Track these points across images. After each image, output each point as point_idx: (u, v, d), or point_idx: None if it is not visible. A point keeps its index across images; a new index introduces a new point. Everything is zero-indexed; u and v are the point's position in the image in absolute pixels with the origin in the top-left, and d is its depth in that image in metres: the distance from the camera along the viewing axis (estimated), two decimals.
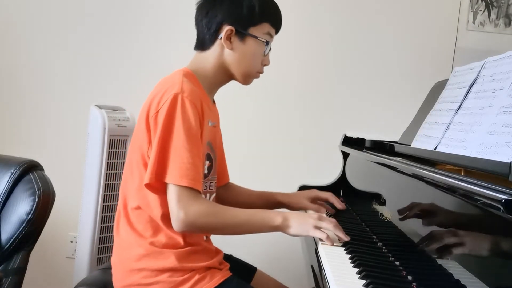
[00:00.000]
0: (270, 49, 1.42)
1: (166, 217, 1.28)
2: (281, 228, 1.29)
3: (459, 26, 2.44)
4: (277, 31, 1.44)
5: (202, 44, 1.39)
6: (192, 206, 1.22)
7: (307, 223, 1.28)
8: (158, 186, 1.26)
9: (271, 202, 1.60)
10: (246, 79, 1.43)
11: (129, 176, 1.34)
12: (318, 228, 1.28)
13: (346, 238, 1.27)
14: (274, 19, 1.42)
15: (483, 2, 2.43)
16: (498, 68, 1.28)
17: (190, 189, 1.22)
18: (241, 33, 1.36)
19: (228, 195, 1.60)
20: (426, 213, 1.15)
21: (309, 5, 2.49)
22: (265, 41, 1.39)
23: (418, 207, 1.21)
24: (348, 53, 2.49)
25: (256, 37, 1.37)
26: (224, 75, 1.41)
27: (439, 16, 2.45)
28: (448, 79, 1.59)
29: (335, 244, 1.27)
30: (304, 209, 1.61)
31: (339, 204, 1.61)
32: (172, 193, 1.23)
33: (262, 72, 1.45)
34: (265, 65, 1.44)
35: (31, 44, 2.59)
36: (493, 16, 2.43)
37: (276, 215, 1.30)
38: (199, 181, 1.25)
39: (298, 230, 1.29)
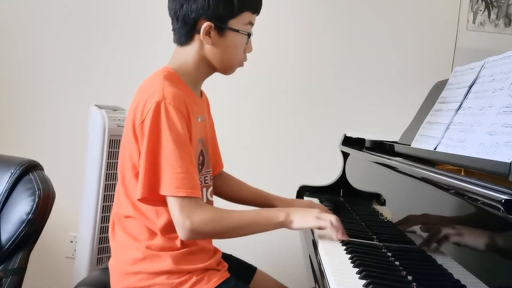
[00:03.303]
0: (252, 35, 1.36)
1: (164, 226, 1.26)
2: (285, 224, 1.29)
3: (459, 26, 2.44)
4: (257, 15, 1.37)
5: (180, 38, 1.33)
6: (196, 214, 1.20)
7: (309, 216, 1.30)
8: (153, 197, 1.23)
9: (268, 205, 1.57)
10: (229, 71, 1.38)
11: (120, 184, 1.32)
12: (320, 219, 1.29)
13: (340, 236, 1.27)
14: (254, 6, 1.34)
15: (483, 2, 2.43)
16: (498, 68, 1.28)
17: (190, 198, 1.20)
18: (221, 27, 1.29)
19: (224, 186, 1.59)
20: (426, 213, 1.15)
21: (309, 4, 2.49)
22: (246, 33, 1.33)
23: (418, 207, 1.21)
24: (348, 53, 2.49)
25: (237, 31, 1.31)
26: (206, 69, 1.36)
27: (439, 16, 2.45)
28: (448, 79, 1.59)
29: (334, 239, 1.28)
30: None
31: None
32: (173, 204, 1.20)
33: (245, 60, 1.39)
34: (248, 52, 1.38)
35: (31, 44, 2.59)
36: (493, 16, 2.43)
37: (279, 212, 1.30)
38: (197, 187, 1.23)
39: (300, 223, 1.30)
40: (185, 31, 1.31)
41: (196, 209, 1.21)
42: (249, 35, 1.34)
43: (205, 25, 1.28)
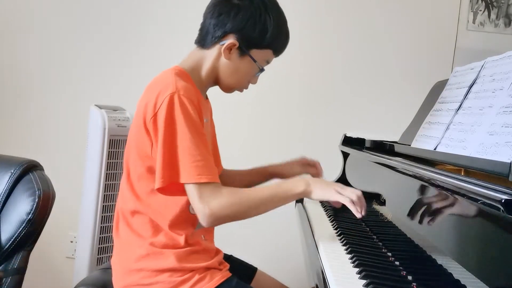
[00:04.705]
0: (263, 71, 1.42)
1: (173, 219, 1.28)
2: (304, 193, 1.30)
3: (459, 26, 2.44)
4: (276, 57, 1.44)
5: (204, 41, 1.37)
6: (215, 200, 1.22)
7: (330, 188, 1.29)
8: (170, 188, 1.25)
9: (264, 175, 1.63)
10: (228, 90, 1.44)
11: (125, 179, 1.34)
12: (340, 194, 1.28)
13: (360, 214, 1.24)
14: (279, 49, 1.42)
15: (483, 2, 2.43)
16: (498, 68, 1.28)
17: (210, 184, 1.23)
18: (243, 51, 1.35)
19: (227, 181, 1.59)
20: (426, 213, 1.15)
21: (311, 4, 2.49)
22: (260, 67, 1.39)
23: (418, 207, 1.21)
24: (348, 53, 2.49)
25: (254, 61, 1.37)
26: (212, 79, 1.40)
27: (439, 16, 2.45)
28: (448, 79, 1.59)
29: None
30: (298, 174, 1.66)
31: (321, 174, 1.68)
32: (192, 191, 1.23)
33: (246, 88, 1.45)
34: (252, 83, 1.44)
35: (31, 44, 2.60)
36: (493, 16, 2.43)
37: (298, 182, 1.31)
38: (216, 173, 1.26)
39: (320, 194, 1.30)
40: (210, 37, 1.35)
41: (214, 195, 1.23)
42: (261, 70, 1.40)
43: (231, 41, 1.33)
